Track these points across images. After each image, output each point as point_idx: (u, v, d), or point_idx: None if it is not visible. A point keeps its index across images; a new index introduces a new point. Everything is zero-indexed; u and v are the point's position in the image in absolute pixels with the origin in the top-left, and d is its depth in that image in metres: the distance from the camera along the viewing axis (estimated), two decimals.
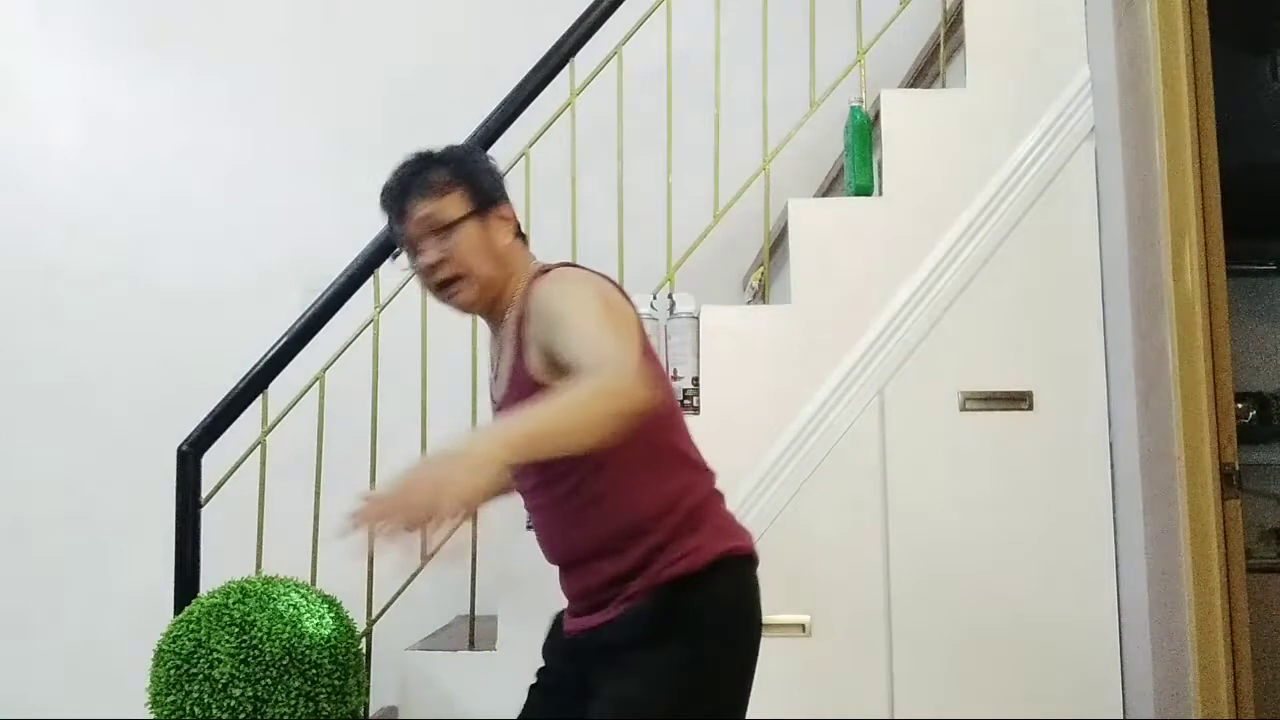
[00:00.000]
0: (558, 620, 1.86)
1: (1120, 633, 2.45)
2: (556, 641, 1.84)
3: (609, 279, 1.74)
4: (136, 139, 3.55)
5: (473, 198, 1.75)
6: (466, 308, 1.77)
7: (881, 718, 2.42)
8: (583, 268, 1.79)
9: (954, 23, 2.79)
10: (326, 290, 2.56)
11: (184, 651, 2.12)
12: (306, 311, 2.55)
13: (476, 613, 2.55)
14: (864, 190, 2.66)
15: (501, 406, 1.77)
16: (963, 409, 2.51)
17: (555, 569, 1.82)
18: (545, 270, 1.75)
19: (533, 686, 1.86)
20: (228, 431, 2.49)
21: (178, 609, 2.36)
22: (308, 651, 2.14)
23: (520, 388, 1.68)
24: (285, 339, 2.53)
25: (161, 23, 3.59)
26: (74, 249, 3.50)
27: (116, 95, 3.57)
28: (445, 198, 1.73)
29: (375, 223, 2.56)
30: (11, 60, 3.60)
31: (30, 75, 3.58)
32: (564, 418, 1.45)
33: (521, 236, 1.82)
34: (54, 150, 3.56)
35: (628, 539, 1.67)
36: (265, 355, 2.52)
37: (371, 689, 2.41)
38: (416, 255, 1.76)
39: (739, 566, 1.71)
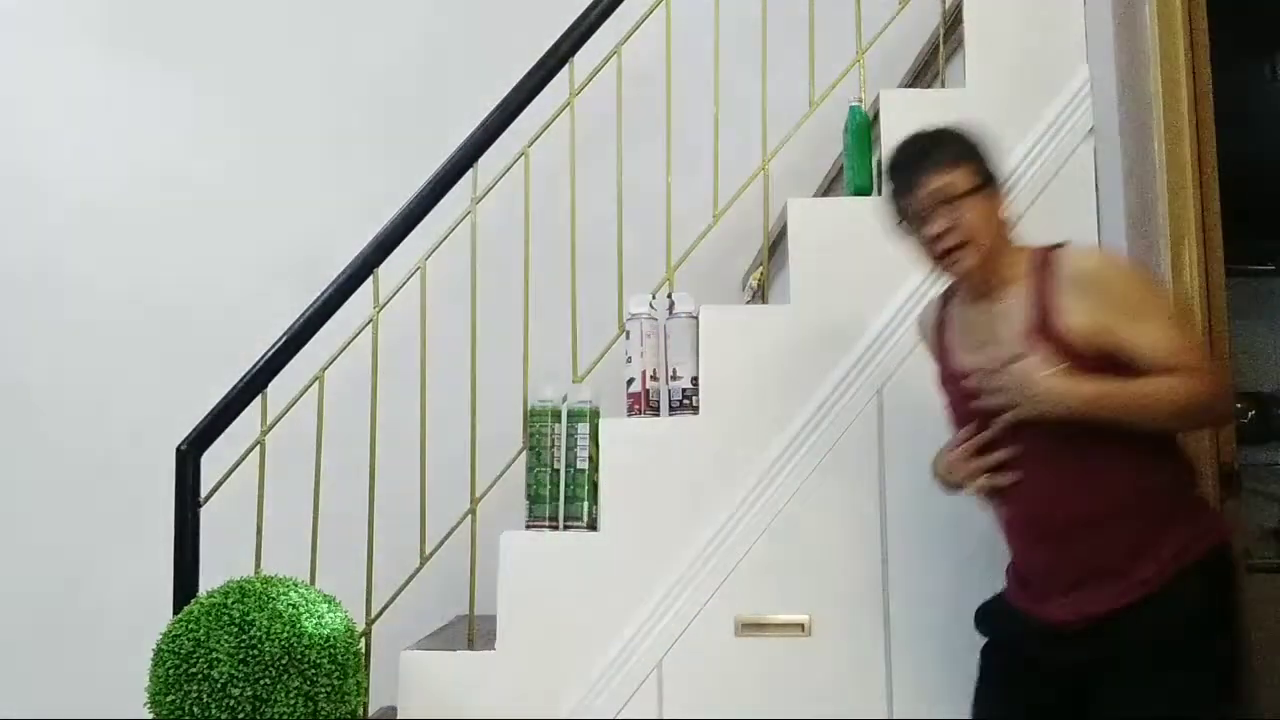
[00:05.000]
0: (1004, 602, 1.97)
1: None
2: (1022, 626, 1.90)
3: None
4: (135, 138, 3.55)
5: (980, 172, 1.87)
6: (965, 275, 1.90)
7: (881, 718, 2.42)
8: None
9: (953, 22, 2.79)
10: (326, 290, 2.56)
11: (183, 651, 2.12)
12: (306, 311, 2.55)
13: (476, 612, 2.55)
14: (863, 190, 2.66)
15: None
16: None
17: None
18: (1058, 248, 1.88)
19: (989, 673, 1.96)
20: (227, 431, 2.49)
21: (177, 609, 2.37)
22: (307, 651, 2.14)
23: (1050, 347, 1.78)
24: (284, 338, 2.53)
25: (160, 22, 3.59)
26: (72, 249, 3.51)
27: (115, 95, 3.57)
28: (956, 171, 1.86)
29: (375, 221, 2.60)
30: (8, 59, 3.60)
31: (27, 74, 3.58)
32: (1154, 406, 1.71)
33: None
34: (52, 150, 3.56)
35: (1128, 513, 1.76)
36: (265, 355, 2.52)
37: (371, 689, 2.41)
38: (922, 226, 1.88)
39: (1230, 553, 1.82)
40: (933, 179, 1.86)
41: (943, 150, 1.89)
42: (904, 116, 2.62)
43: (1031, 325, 1.82)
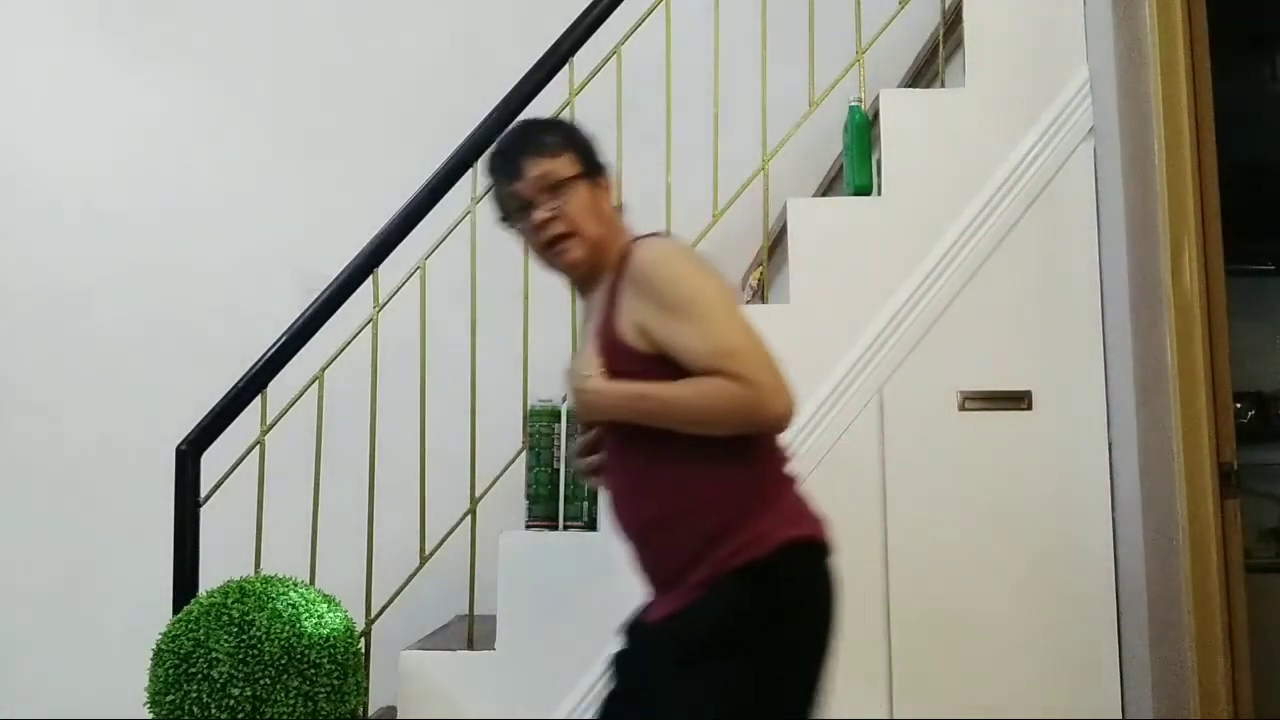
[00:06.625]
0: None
1: (1119, 632, 2.45)
2: (635, 624, 1.84)
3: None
4: (134, 139, 3.55)
5: (582, 161, 1.82)
6: (573, 267, 1.82)
7: (881, 718, 2.42)
8: (679, 241, 1.84)
9: (953, 22, 2.79)
10: (326, 289, 2.56)
11: (183, 651, 2.12)
12: (306, 311, 2.55)
13: (476, 613, 2.55)
14: (863, 190, 2.66)
15: None
16: (962, 409, 2.51)
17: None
18: (640, 239, 1.80)
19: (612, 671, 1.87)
20: (227, 431, 2.49)
21: (177, 608, 2.36)
22: (306, 651, 2.14)
23: (606, 348, 1.72)
24: (284, 338, 2.53)
25: (159, 22, 3.58)
26: (71, 249, 3.50)
27: (114, 94, 3.57)
28: (559, 158, 1.80)
29: (374, 222, 2.60)
30: (8, 59, 3.60)
31: (26, 74, 3.58)
32: (686, 409, 1.65)
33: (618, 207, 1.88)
34: (51, 151, 3.56)
35: (689, 518, 1.69)
36: (264, 354, 2.52)
37: (370, 689, 2.41)
38: (528, 213, 1.80)
39: (807, 555, 1.72)
40: (537, 164, 1.79)
41: (546, 137, 1.83)
42: (904, 116, 2.63)
43: (598, 324, 1.77)
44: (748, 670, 1.62)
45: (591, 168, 1.83)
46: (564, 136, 1.85)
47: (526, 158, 1.81)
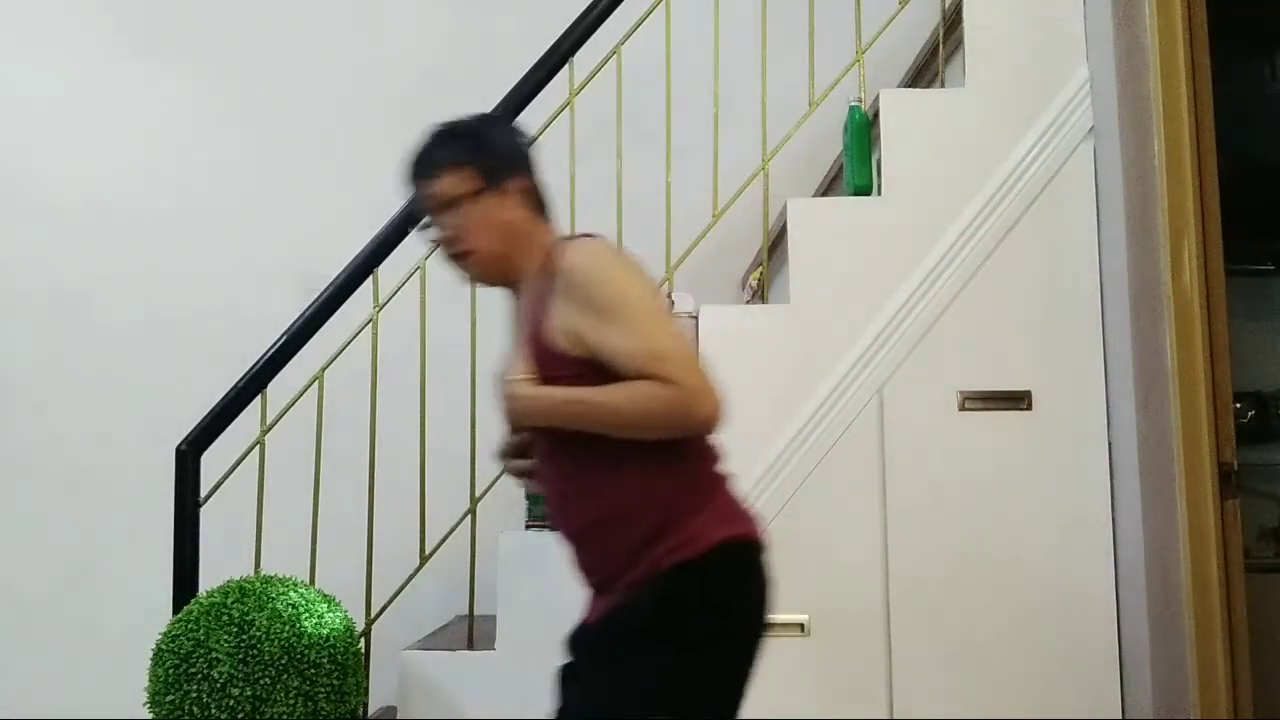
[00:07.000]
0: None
1: (1119, 632, 2.45)
2: (576, 633, 1.83)
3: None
4: (135, 140, 3.55)
5: (478, 174, 1.77)
6: (477, 281, 1.84)
7: (880, 718, 2.42)
8: (608, 243, 1.79)
9: (953, 22, 2.79)
10: (325, 290, 2.56)
11: (183, 651, 2.12)
12: (306, 311, 2.56)
13: (476, 612, 2.55)
14: (863, 190, 2.66)
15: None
16: (961, 408, 2.51)
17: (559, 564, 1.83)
18: (569, 241, 1.77)
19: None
20: (227, 431, 2.50)
21: (176, 608, 2.37)
22: (306, 651, 2.14)
23: (537, 353, 1.70)
24: (284, 338, 2.53)
25: (159, 23, 3.59)
26: (72, 249, 3.50)
27: (114, 94, 3.57)
28: (448, 176, 1.77)
29: (374, 222, 2.60)
30: (9, 60, 3.60)
31: (27, 74, 3.58)
32: (615, 413, 1.64)
33: (540, 207, 1.82)
34: (53, 152, 3.56)
35: (623, 521, 1.69)
36: (264, 355, 2.52)
37: (370, 688, 2.41)
38: (432, 230, 1.81)
39: (742, 553, 1.72)
40: (427, 184, 1.78)
41: (439, 155, 1.80)
42: (904, 116, 2.63)
43: (528, 330, 1.75)
44: (680, 661, 1.62)
45: (493, 178, 1.77)
46: (461, 150, 1.79)
47: (417, 178, 1.80)
